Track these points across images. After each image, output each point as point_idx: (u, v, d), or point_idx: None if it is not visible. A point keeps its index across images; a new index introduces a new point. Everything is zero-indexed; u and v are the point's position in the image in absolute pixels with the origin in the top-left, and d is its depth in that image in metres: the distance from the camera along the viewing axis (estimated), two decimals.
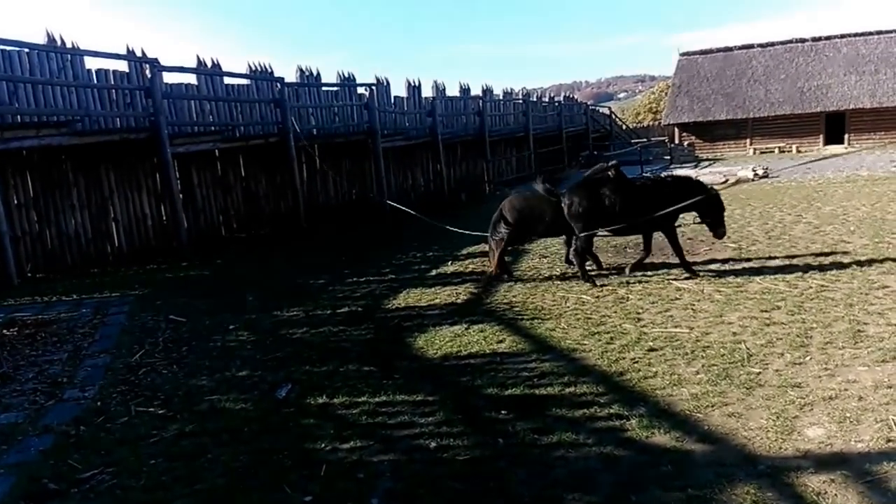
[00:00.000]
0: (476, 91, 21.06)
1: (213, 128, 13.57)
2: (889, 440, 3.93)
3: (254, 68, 14.42)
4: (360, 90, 16.43)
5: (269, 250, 12.59)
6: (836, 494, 3.47)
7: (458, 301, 7.80)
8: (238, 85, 14.41)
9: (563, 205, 8.21)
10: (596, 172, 8.34)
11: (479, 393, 5.14)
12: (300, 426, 4.74)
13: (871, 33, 30.34)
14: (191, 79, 13.35)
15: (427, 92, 18.41)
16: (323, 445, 4.42)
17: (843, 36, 30.85)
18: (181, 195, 12.47)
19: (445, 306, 7.62)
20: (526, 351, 5.95)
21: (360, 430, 4.63)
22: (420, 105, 18.01)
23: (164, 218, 12.77)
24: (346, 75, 16.20)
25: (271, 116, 14.54)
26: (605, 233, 8.44)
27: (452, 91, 19.83)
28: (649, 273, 8.36)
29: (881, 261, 7.94)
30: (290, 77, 15.17)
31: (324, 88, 15.95)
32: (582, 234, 8.15)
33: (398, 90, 17.74)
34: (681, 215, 8.31)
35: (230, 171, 14.27)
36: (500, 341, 6.23)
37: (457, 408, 4.89)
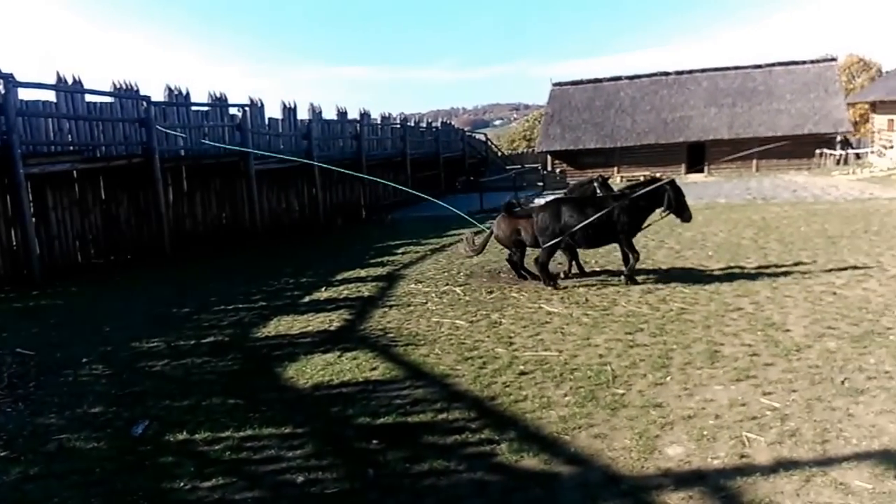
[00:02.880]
0: (353, 114, 20.97)
1: (71, 147, 12.64)
2: (743, 456, 4.14)
3: (118, 86, 13.61)
4: (233, 111, 15.93)
5: (129, 278, 11.82)
6: None
7: (332, 328, 7.61)
8: (101, 103, 13.54)
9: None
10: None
11: (350, 423, 5.01)
12: (158, 465, 4.47)
13: (728, 68, 32.96)
14: (50, 95, 12.42)
15: (303, 114, 18.15)
16: (182, 484, 4.18)
17: (703, 70, 33.33)
18: (34, 219, 11.51)
19: (318, 334, 7.41)
20: (399, 378, 5.86)
21: (222, 466, 4.42)
22: (296, 127, 17.68)
23: (15, 244, 11.72)
24: (218, 95, 15.67)
25: (136, 136, 13.75)
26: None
27: (329, 114, 19.63)
28: (524, 297, 8.52)
29: (736, 284, 8.48)
30: (158, 96, 14.45)
31: (193, 108, 15.31)
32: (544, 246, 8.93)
33: (273, 111, 17.36)
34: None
35: (89, 193, 13.33)
36: (374, 369, 6.11)
37: (327, 439, 4.75)
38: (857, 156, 28.65)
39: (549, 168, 33.10)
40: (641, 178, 10.30)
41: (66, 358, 6.85)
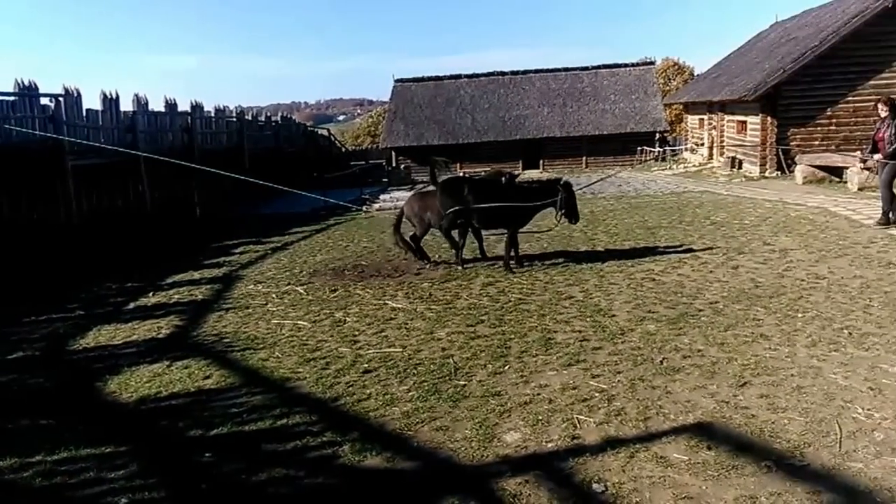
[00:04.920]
0: (185, 107, 19.80)
1: None
2: (574, 437, 4.34)
3: None
4: (45, 101, 14.45)
5: None
6: (529, 494, 3.72)
7: (161, 336, 7.13)
8: None
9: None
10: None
11: (181, 436, 4.72)
12: None
13: (559, 70, 34.73)
14: None
15: (127, 106, 16.84)
16: None
17: (536, 71, 34.88)
18: None
19: (145, 343, 6.91)
20: (235, 385, 5.59)
21: (33, 494, 4.01)
22: (118, 120, 16.37)
23: None
24: (27, 83, 14.17)
25: None
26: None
27: (157, 105, 18.38)
28: (369, 294, 8.45)
29: (568, 274, 8.92)
30: None
31: None
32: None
33: (92, 102, 15.94)
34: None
35: None
36: (207, 377, 5.79)
37: (154, 456, 4.44)
38: (674, 152, 31.26)
39: (395, 164, 33.23)
40: (483, 173, 10.94)
41: None
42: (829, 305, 6.75)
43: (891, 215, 10.82)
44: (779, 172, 19.53)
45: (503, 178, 10.26)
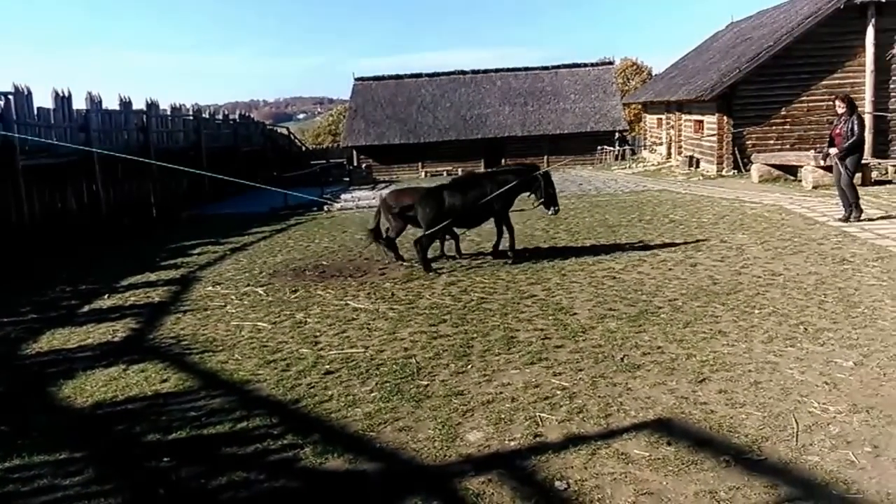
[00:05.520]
0: (140, 105, 19.39)
1: None
2: (537, 435, 4.35)
3: None
4: None
5: None
6: (493, 493, 3.71)
7: (116, 339, 6.96)
8: None
9: None
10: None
11: (137, 441, 4.62)
12: None
13: (519, 69, 34.97)
14: None
15: (80, 104, 16.42)
16: None
17: (497, 70, 35.07)
18: None
19: (100, 346, 6.74)
20: (194, 388, 5.49)
21: None
22: (71, 118, 15.95)
23: None
24: None
25: None
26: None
27: (112, 104, 17.96)
28: (330, 294, 8.37)
29: (530, 273, 8.96)
30: None
31: None
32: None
33: (44, 101, 15.50)
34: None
35: None
36: (165, 381, 5.67)
37: (111, 461, 4.35)
38: (633, 151, 31.71)
39: (356, 163, 33.04)
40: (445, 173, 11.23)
41: None
42: (785, 302, 6.89)
43: (853, 213, 11.07)
44: (735, 171, 19.94)
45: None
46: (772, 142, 19.70)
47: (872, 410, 4.39)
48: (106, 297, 8.93)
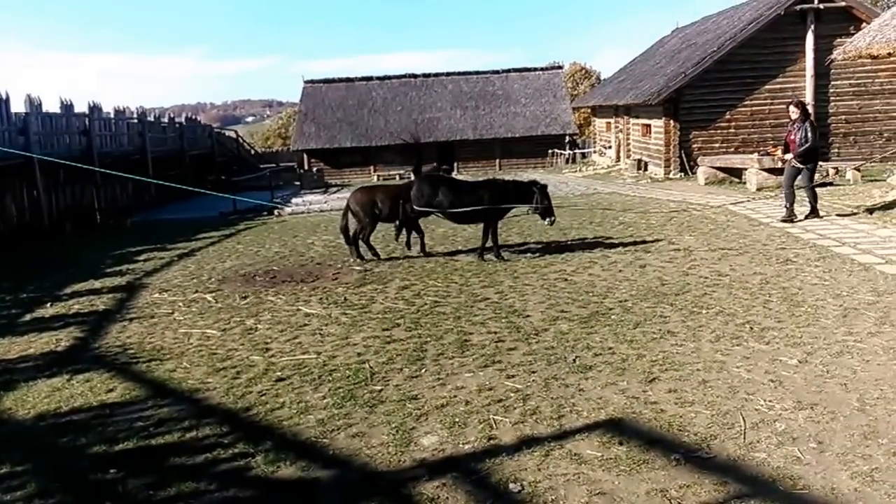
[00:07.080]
0: (82, 108, 18.84)
1: None
2: (491, 438, 4.36)
3: None
4: None
5: None
6: (447, 497, 3.71)
7: (59, 349, 6.73)
8: None
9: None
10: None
11: (82, 453, 4.48)
12: None
13: (470, 73, 35.10)
14: None
15: (19, 107, 15.87)
16: None
17: (448, 74, 35.13)
18: None
19: (42, 356, 6.52)
20: (141, 398, 5.34)
21: None
22: (9, 121, 15.41)
23: None
24: None
25: None
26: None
27: (52, 106, 17.41)
28: (281, 300, 8.26)
29: (483, 276, 8.99)
30: None
31: None
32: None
33: None
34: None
35: None
36: (111, 390, 5.50)
37: (54, 474, 4.20)
38: (583, 155, 32.16)
39: (307, 167, 32.70)
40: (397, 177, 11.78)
41: None
42: (731, 301, 7.07)
43: (810, 215, 11.48)
44: (682, 174, 20.40)
45: (440, 172, 11.29)
46: (717, 145, 20.24)
47: (816, 407, 4.53)
48: (48, 305, 8.64)
